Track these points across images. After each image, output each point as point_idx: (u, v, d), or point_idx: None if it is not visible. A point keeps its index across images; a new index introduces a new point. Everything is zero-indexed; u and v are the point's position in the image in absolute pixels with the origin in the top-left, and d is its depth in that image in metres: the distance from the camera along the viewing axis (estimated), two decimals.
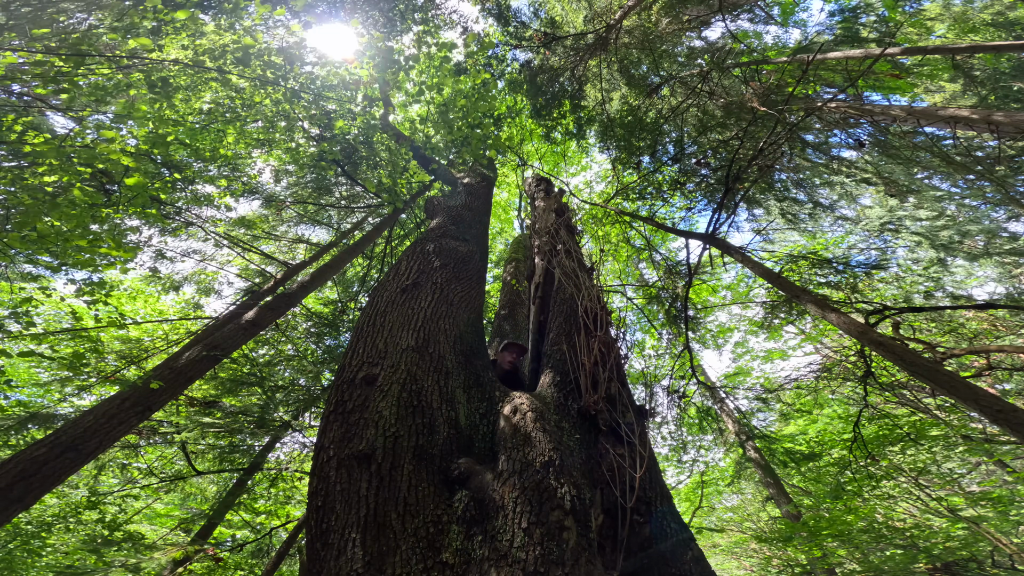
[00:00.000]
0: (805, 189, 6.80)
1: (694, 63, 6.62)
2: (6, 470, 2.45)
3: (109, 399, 3.05)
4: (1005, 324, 6.57)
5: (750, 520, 10.79)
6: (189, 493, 7.15)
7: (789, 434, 7.89)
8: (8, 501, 2.37)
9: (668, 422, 7.07)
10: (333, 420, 1.69)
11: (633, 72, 6.69)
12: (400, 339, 2.07)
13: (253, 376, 5.80)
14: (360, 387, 1.81)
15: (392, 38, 6.37)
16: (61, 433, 2.74)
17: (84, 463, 2.79)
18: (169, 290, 7.14)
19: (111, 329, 4.23)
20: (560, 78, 6.91)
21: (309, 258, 6.79)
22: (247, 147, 5.33)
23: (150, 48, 3.13)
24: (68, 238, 2.49)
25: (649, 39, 6.22)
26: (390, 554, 1.24)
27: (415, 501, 1.39)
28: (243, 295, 6.74)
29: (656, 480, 2.19)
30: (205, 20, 4.28)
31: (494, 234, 12.09)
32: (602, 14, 6.56)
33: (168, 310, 7.80)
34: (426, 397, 1.79)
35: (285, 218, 7.60)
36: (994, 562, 4.97)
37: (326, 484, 1.47)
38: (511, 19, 6.88)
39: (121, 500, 5.61)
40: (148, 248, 6.14)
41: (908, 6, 7.03)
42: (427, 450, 1.58)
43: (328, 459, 1.54)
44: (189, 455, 5.02)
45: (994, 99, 6.40)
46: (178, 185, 5.45)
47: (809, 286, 5.41)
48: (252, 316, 4.16)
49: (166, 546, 5.21)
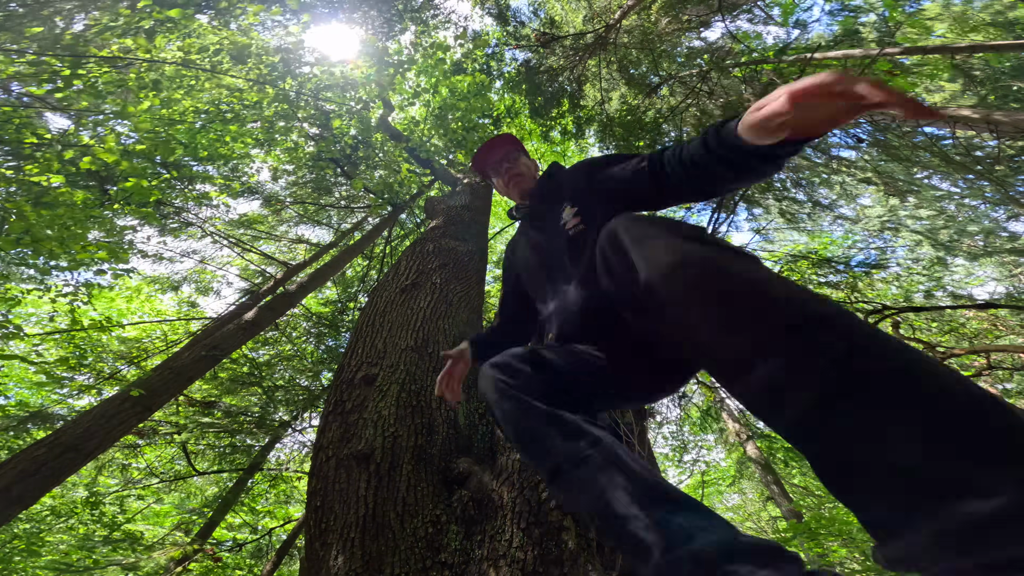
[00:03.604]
0: (804, 188, 6.80)
1: (694, 63, 6.62)
2: (6, 470, 2.45)
3: (109, 399, 3.05)
4: (1005, 324, 6.56)
5: (751, 520, 10.79)
6: (188, 493, 7.15)
7: None
8: (8, 501, 2.37)
9: (670, 422, 7.05)
10: (332, 420, 1.69)
11: (632, 72, 6.69)
12: (399, 339, 2.07)
13: (253, 376, 5.80)
14: (359, 387, 1.81)
15: (391, 38, 6.37)
16: (61, 433, 2.74)
17: (84, 463, 2.79)
18: (167, 290, 7.15)
19: (115, 328, 4.23)
20: (559, 78, 6.91)
21: (309, 258, 6.79)
22: (246, 147, 5.33)
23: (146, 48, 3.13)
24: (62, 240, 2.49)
25: (648, 39, 6.21)
26: (389, 554, 1.24)
27: (414, 501, 1.39)
28: (243, 295, 6.74)
29: None
30: (201, 20, 4.28)
31: (494, 234, 12.09)
32: (601, 14, 6.56)
33: (167, 310, 7.79)
34: (425, 397, 1.79)
35: (285, 218, 7.60)
36: None
37: (325, 484, 1.47)
38: (510, 19, 6.88)
39: (121, 500, 5.60)
40: (145, 249, 6.14)
41: (908, 6, 7.03)
42: (426, 450, 1.58)
43: (327, 459, 1.54)
44: (189, 455, 5.02)
45: (994, 99, 6.39)
46: (176, 185, 5.45)
47: (810, 286, 5.40)
48: (252, 316, 4.16)
49: (165, 546, 5.21)
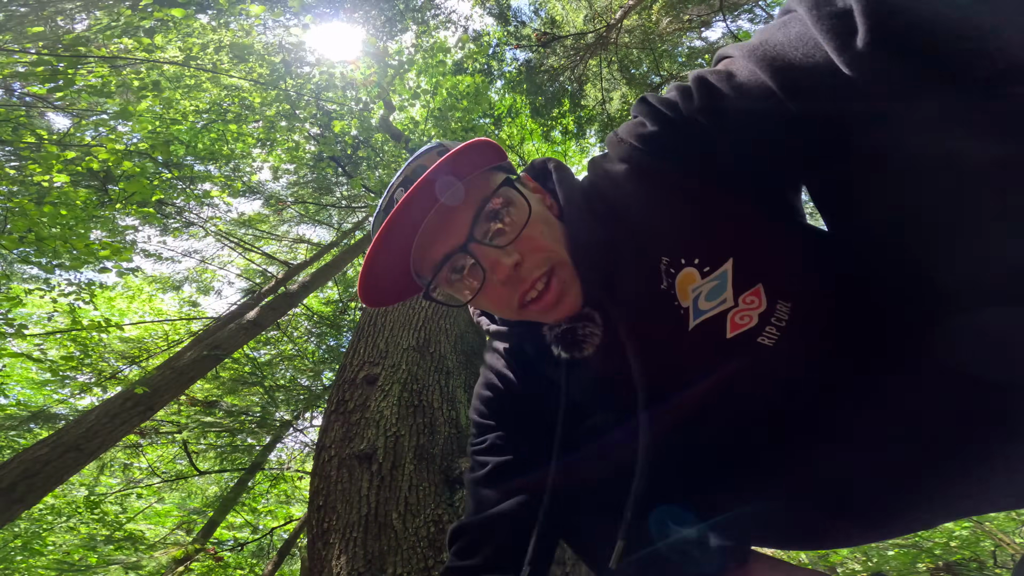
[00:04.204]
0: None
1: (695, 63, 6.62)
2: (9, 469, 2.46)
3: (111, 398, 3.06)
4: None
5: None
6: (190, 492, 7.16)
7: None
8: (10, 500, 2.37)
9: None
10: (334, 420, 1.69)
11: (633, 72, 6.68)
12: (401, 338, 2.07)
13: (254, 376, 5.81)
14: (361, 387, 1.82)
15: (392, 38, 6.37)
16: (64, 432, 2.74)
17: (86, 463, 2.79)
18: (168, 290, 7.16)
19: (112, 329, 4.24)
20: (560, 77, 6.91)
21: (310, 258, 6.80)
22: (247, 147, 5.34)
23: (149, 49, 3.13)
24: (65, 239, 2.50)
25: (649, 39, 6.21)
26: (391, 553, 1.25)
27: (416, 501, 1.39)
28: (244, 295, 6.75)
29: None
30: (202, 20, 4.28)
31: None
32: (602, 13, 6.55)
33: (168, 310, 7.81)
34: (427, 397, 1.80)
35: (286, 218, 7.61)
36: (996, 562, 4.97)
37: (327, 484, 1.47)
38: (511, 18, 6.88)
39: (123, 499, 5.62)
40: (147, 248, 6.15)
41: None
42: (428, 450, 1.58)
43: (329, 459, 1.55)
44: (191, 454, 5.02)
45: None
46: (178, 184, 5.46)
47: None
48: (254, 316, 4.16)
49: (167, 545, 5.23)
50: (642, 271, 0.57)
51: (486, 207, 0.55)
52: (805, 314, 0.56)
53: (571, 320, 0.60)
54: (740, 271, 0.54)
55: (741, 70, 0.49)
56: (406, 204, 0.51)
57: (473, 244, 0.55)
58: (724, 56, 0.53)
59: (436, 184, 0.51)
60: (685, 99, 0.52)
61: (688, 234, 0.55)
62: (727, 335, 0.55)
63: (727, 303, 0.55)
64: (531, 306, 0.57)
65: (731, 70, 0.50)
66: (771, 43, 0.46)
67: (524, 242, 0.55)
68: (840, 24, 0.39)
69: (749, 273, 0.54)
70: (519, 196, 0.58)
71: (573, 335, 0.60)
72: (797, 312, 0.55)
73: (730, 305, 0.55)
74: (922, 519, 0.55)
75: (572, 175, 0.65)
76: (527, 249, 0.55)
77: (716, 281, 0.54)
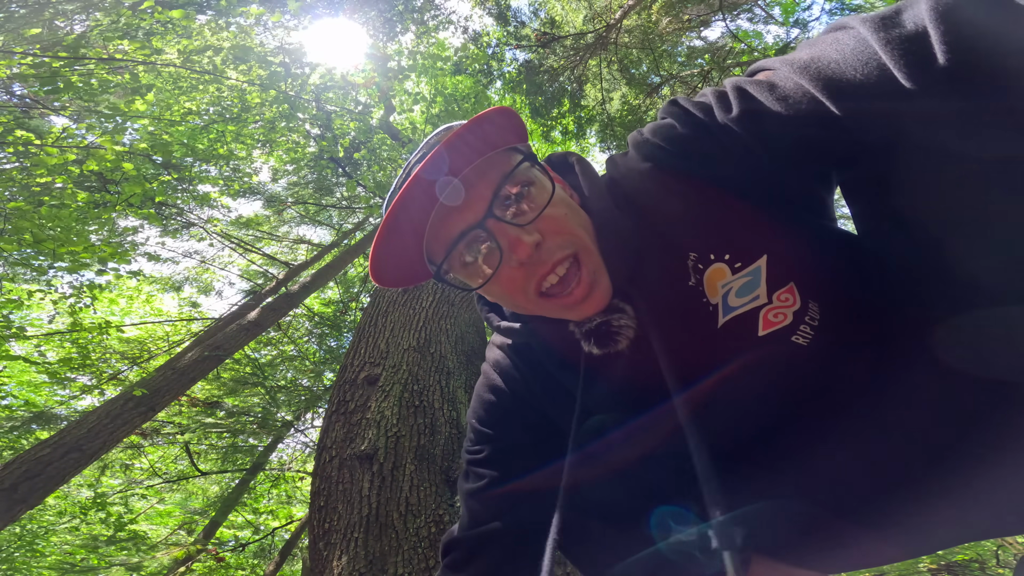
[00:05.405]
0: None
1: (694, 63, 6.62)
2: (11, 470, 2.46)
3: (113, 399, 3.06)
4: None
5: None
6: (191, 493, 7.17)
7: None
8: (13, 501, 2.38)
9: None
10: (335, 420, 1.70)
11: (633, 72, 6.68)
12: (402, 339, 2.08)
13: (255, 376, 5.81)
14: (362, 387, 1.82)
15: (391, 39, 6.38)
16: (65, 433, 2.75)
17: (88, 463, 2.80)
18: (169, 290, 7.17)
19: (112, 330, 4.25)
20: (559, 78, 6.91)
21: (311, 258, 6.81)
22: (246, 148, 5.34)
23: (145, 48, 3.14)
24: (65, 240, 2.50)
25: (649, 39, 6.21)
26: (392, 554, 1.25)
27: (417, 501, 1.39)
28: (245, 295, 6.76)
29: None
30: (201, 20, 4.29)
31: None
32: (602, 13, 6.55)
33: (169, 311, 7.82)
34: (428, 397, 1.80)
35: (286, 218, 7.61)
36: (998, 562, 4.97)
37: (328, 484, 1.48)
38: (510, 19, 6.88)
39: (125, 500, 5.63)
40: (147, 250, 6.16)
41: None
42: (429, 450, 1.58)
43: (330, 459, 1.55)
44: (192, 455, 5.03)
45: None
46: (178, 186, 5.47)
47: None
48: (254, 316, 4.17)
49: (169, 546, 5.23)
50: (669, 265, 0.55)
51: (505, 184, 0.52)
52: (835, 313, 0.55)
53: (604, 313, 0.57)
54: (774, 267, 0.53)
55: (785, 82, 0.47)
56: (423, 176, 0.48)
57: (491, 220, 0.51)
58: (763, 68, 0.52)
59: (454, 157, 0.49)
60: (721, 105, 0.51)
61: (717, 230, 0.54)
62: (759, 332, 0.54)
63: (760, 300, 0.53)
64: (555, 299, 0.54)
65: (773, 81, 0.49)
66: (824, 60, 0.44)
67: (546, 221, 0.52)
68: (912, 47, 0.38)
69: (783, 270, 0.53)
70: (542, 175, 0.55)
71: (608, 327, 0.57)
72: (827, 311, 0.55)
73: (763, 302, 0.53)
74: (946, 527, 0.53)
75: (595, 169, 0.63)
76: (549, 229, 0.52)
77: (748, 277, 0.53)
